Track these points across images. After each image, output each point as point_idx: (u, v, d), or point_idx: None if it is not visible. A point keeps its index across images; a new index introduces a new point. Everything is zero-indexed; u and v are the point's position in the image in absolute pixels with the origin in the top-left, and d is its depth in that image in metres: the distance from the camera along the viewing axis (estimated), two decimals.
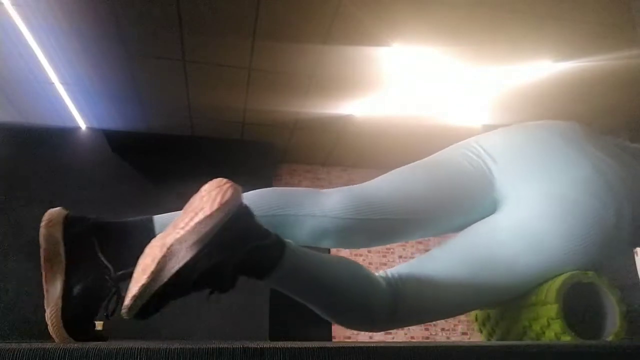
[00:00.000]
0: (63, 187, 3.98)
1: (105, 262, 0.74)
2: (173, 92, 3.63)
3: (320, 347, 0.47)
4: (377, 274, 0.90)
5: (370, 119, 4.07)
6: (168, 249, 0.62)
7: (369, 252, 4.90)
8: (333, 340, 4.60)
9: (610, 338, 0.76)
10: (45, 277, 0.72)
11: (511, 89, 3.58)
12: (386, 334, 4.82)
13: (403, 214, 0.88)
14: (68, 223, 0.76)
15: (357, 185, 0.92)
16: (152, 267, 0.62)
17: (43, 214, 0.76)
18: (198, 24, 2.88)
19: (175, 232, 0.64)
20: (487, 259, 0.84)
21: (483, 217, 0.90)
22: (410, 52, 3.13)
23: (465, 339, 4.90)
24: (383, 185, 0.91)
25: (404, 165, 0.97)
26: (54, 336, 0.70)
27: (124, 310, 0.63)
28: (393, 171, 0.95)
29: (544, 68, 3.31)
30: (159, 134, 4.28)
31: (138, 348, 0.44)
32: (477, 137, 0.99)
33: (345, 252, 4.85)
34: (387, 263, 4.92)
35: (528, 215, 0.84)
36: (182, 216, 0.66)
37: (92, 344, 0.46)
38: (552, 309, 0.77)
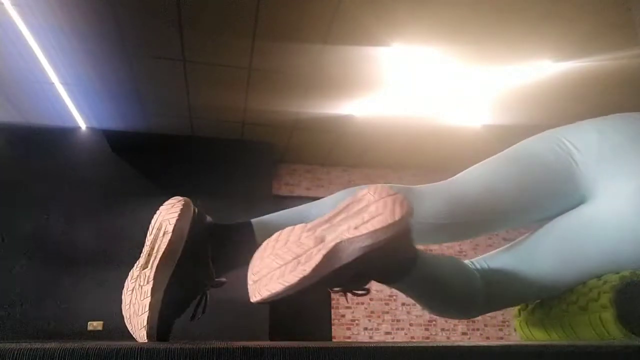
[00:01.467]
0: (63, 187, 3.98)
1: (212, 270, 0.75)
2: (173, 92, 3.63)
3: (320, 347, 0.47)
4: (469, 264, 0.95)
5: (370, 119, 4.07)
6: (335, 245, 0.63)
7: None
8: (333, 340, 4.60)
9: None
10: (158, 268, 0.71)
11: (511, 89, 3.58)
12: (386, 334, 4.82)
13: (493, 215, 0.90)
14: (195, 221, 0.76)
15: (449, 183, 0.92)
16: (314, 260, 0.62)
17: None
18: (198, 24, 2.88)
19: (341, 229, 0.64)
20: (576, 252, 0.86)
21: (568, 211, 0.91)
22: (410, 52, 3.13)
23: (465, 339, 4.91)
24: (476, 185, 0.91)
25: (404, 164, 0.97)
26: (147, 325, 0.68)
27: (267, 296, 0.63)
28: (483, 167, 0.94)
29: (544, 68, 3.31)
30: (159, 134, 4.29)
31: (138, 348, 0.44)
32: (561, 130, 0.97)
33: None
34: None
35: (622, 210, 0.83)
36: (342, 215, 0.66)
37: (92, 344, 0.46)
38: (604, 299, 0.77)
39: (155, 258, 0.71)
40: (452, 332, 5.00)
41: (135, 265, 0.73)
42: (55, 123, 4.04)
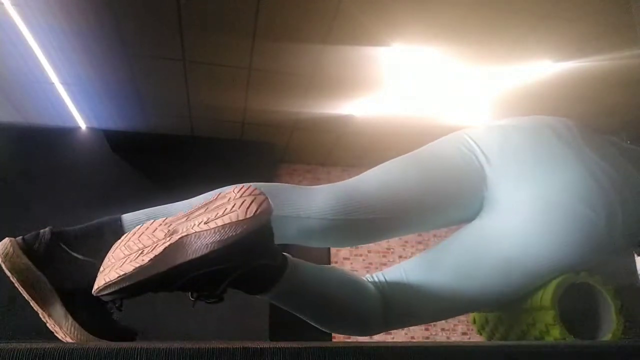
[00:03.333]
0: (63, 187, 3.98)
1: (86, 258, 0.71)
2: (173, 92, 3.63)
3: (320, 347, 0.47)
4: (366, 278, 0.90)
5: (370, 119, 4.07)
6: (180, 238, 0.60)
7: (369, 252, 4.90)
8: (333, 340, 4.60)
9: (608, 336, 0.76)
10: (39, 305, 0.68)
11: (511, 89, 3.58)
12: (386, 334, 4.81)
13: (392, 213, 0.85)
14: (27, 245, 0.72)
15: (345, 182, 0.88)
16: (156, 250, 0.60)
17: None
18: (198, 24, 2.88)
19: (191, 224, 0.62)
20: (476, 266, 0.83)
21: (475, 213, 0.88)
22: (410, 52, 3.13)
23: (465, 339, 4.90)
24: (372, 183, 0.87)
25: None
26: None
27: (102, 285, 0.60)
28: (383, 166, 0.91)
29: (544, 68, 3.31)
30: (159, 134, 4.28)
31: (138, 348, 0.44)
32: (470, 130, 0.95)
33: (345, 252, 4.86)
34: (387, 263, 4.92)
35: (518, 221, 0.82)
36: (200, 211, 0.64)
37: (92, 344, 0.46)
38: (548, 315, 0.77)
39: (32, 302, 0.69)
40: (452, 332, 5.00)
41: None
42: (55, 123, 4.04)
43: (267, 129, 4.27)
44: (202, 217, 0.62)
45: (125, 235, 0.67)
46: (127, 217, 0.78)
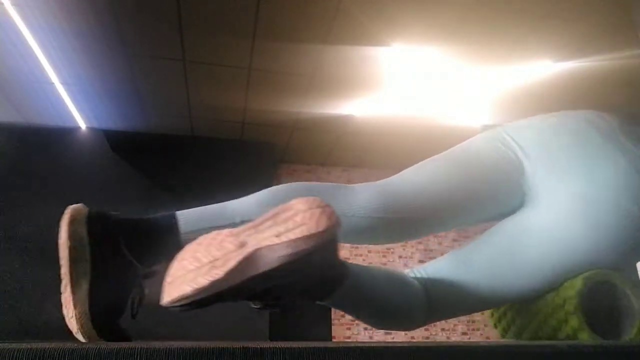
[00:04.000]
0: (63, 187, 3.97)
1: (133, 259, 0.72)
2: (173, 92, 3.63)
3: (320, 347, 0.47)
4: (410, 273, 0.92)
5: (370, 119, 4.07)
6: (254, 251, 0.60)
7: (369, 252, 4.90)
8: (333, 340, 4.60)
9: (630, 337, 0.75)
10: (70, 277, 0.69)
11: (511, 89, 3.58)
12: (386, 334, 4.81)
13: (434, 211, 0.86)
14: (91, 220, 0.73)
15: (386, 180, 0.89)
16: (229, 263, 0.60)
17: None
18: (198, 24, 2.87)
19: (262, 237, 0.62)
20: (517, 260, 0.84)
21: (513, 209, 0.88)
22: (410, 52, 3.13)
23: (465, 339, 4.90)
24: (414, 181, 0.88)
25: (404, 164, 0.96)
26: (81, 336, 0.68)
27: (176, 298, 0.60)
28: (423, 164, 0.92)
29: (544, 68, 3.31)
30: (159, 134, 4.28)
31: (138, 348, 0.44)
32: (508, 128, 0.94)
33: (345, 252, 4.85)
34: (387, 263, 4.92)
35: (560, 216, 0.81)
36: (268, 223, 0.64)
37: (92, 344, 0.46)
38: (570, 304, 0.77)
39: (65, 270, 0.70)
40: (452, 332, 5.00)
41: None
42: (55, 123, 4.04)
43: (267, 129, 4.26)
44: (272, 230, 0.62)
45: (189, 245, 0.67)
46: (181, 217, 0.79)
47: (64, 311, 0.71)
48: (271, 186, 0.88)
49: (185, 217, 0.79)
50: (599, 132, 0.86)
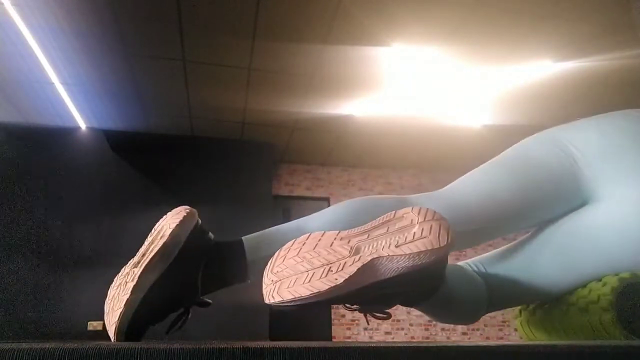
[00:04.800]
0: (63, 187, 3.98)
1: (199, 285, 0.74)
2: (173, 92, 3.63)
3: (320, 347, 0.47)
4: (468, 267, 0.93)
5: (370, 119, 4.07)
6: (372, 260, 0.61)
7: None
8: (333, 340, 4.60)
9: None
10: (146, 266, 0.70)
11: (511, 89, 3.58)
12: (386, 334, 4.82)
13: (493, 222, 0.87)
14: (196, 232, 0.76)
15: (444, 192, 0.90)
16: (347, 270, 0.60)
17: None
18: (198, 24, 2.88)
19: (378, 245, 0.62)
20: (577, 256, 0.84)
21: (573, 210, 0.89)
22: (410, 52, 3.13)
23: (465, 339, 4.91)
24: (471, 192, 0.89)
25: (404, 164, 0.95)
26: (118, 322, 0.68)
27: (289, 299, 0.61)
28: (478, 172, 0.92)
29: (544, 68, 3.31)
30: (159, 134, 4.29)
31: (138, 348, 0.44)
32: (564, 130, 0.94)
33: None
34: None
35: (627, 213, 0.81)
36: (381, 230, 0.64)
37: (92, 344, 0.46)
38: (604, 301, 0.77)
39: (146, 258, 0.71)
40: (452, 332, 5.00)
41: (129, 263, 0.74)
42: (55, 123, 4.04)
43: (267, 129, 4.27)
44: (389, 239, 0.62)
45: (289, 243, 0.67)
46: (247, 245, 0.80)
47: (111, 292, 0.72)
48: (271, 186, 0.88)
49: (251, 242, 0.80)
50: None
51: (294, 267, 0.63)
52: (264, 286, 0.65)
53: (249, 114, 3.96)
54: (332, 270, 0.61)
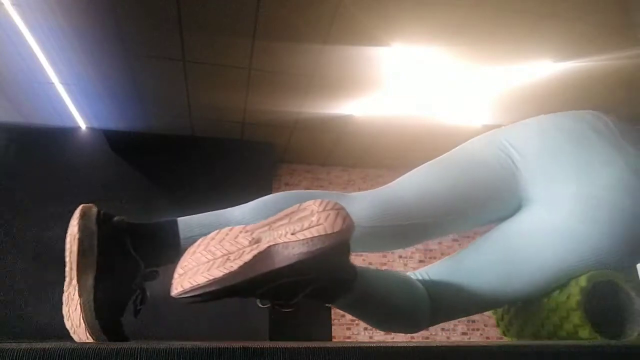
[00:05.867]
0: (63, 187, 3.98)
1: (138, 258, 0.75)
2: (173, 92, 3.63)
3: (320, 347, 0.47)
4: (413, 276, 0.93)
5: (370, 119, 4.07)
6: (269, 247, 0.62)
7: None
8: (333, 340, 4.60)
9: (635, 335, 0.75)
10: (78, 268, 0.71)
11: (511, 89, 3.58)
12: (386, 334, 4.82)
13: (430, 218, 0.86)
14: (101, 218, 0.76)
15: (382, 188, 0.89)
16: (244, 257, 0.61)
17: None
18: (198, 24, 2.88)
19: (277, 234, 0.63)
20: (518, 262, 0.84)
21: (511, 213, 0.89)
22: (410, 52, 3.13)
23: (465, 339, 4.90)
24: (409, 188, 0.88)
25: (404, 164, 0.96)
26: (82, 330, 0.68)
27: (188, 288, 0.62)
28: (419, 170, 0.93)
29: (544, 68, 3.31)
30: (159, 134, 4.28)
31: (138, 348, 0.44)
32: (505, 131, 0.95)
33: None
34: (386, 263, 4.92)
35: (561, 217, 0.82)
36: (283, 221, 0.65)
37: (92, 344, 0.46)
38: (573, 300, 0.77)
39: (73, 262, 0.71)
40: (452, 332, 5.00)
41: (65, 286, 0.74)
42: (55, 123, 4.04)
43: (267, 129, 4.27)
44: (287, 228, 0.63)
45: (202, 239, 0.69)
46: (181, 223, 0.81)
47: (65, 310, 0.72)
48: (271, 186, 0.89)
49: (185, 222, 0.81)
50: (596, 133, 0.86)
51: (198, 260, 0.65)
52: (173, 280, 0.66)
53: (249, 114, 3.96)
54: (229, 259, 0.62)
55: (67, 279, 0.72)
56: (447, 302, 0.88)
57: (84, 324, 0.68)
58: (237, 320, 3.68)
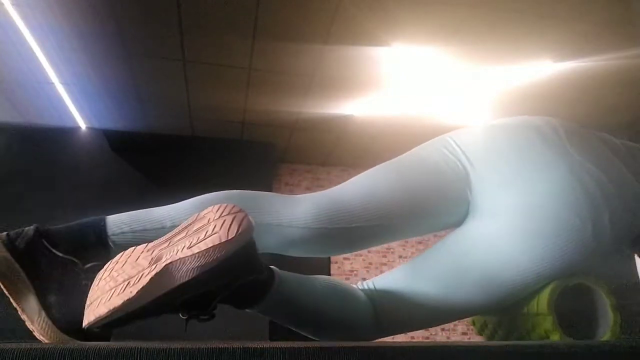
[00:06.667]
0: (63, 187, 3.98)
1: (67, 256, 0.72)
2: (173, 92, 3.63)
3: (320, 347, 0.47)
4: (357, 285, 0.90)
5: (370, 119, 4.07)
6: (165, 266, 0.59)
7: (368, 252, 4.90)
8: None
9: (607, 334, 0.76)
10: (13, 297, 0.69)
11: (511, 89, 3.58)
12: None
13: (377, 220, 0.83)
14: (9, 240, 0.74)
15: (327, 190, 0.87)
16: (142, 281, 0.59)
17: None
18: (198, 24, 2.87)
19: (174, 250, 0.61)
20: (459, 274, 0.81)
21: (462, 218, 0.87)
22: (410, 52, 3.13)
23: (465, 339, 4.90)
24: (355, 191, 0.86)
25: None
26: (55, 342, 0.68)
27: (93, 320, 0.60)
28: (366, 173, 0.90)
29: (544, 68, 3.31)
30: (159, 134, 4.28)
31: (138, 348, 0.44)
32: (454, 134, 0.93)
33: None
34: (387, 263, 4.92)
35: (500, 227, 0.80)
36: (181, 235, 0.63)
37: (92, 344, 0.46)
38: (547, 320, 0.77)
39: (7, 294, 0.71)
40: (452, 332, 5.00)
41: None
42: (55, 123, 4.04)
43: (267, 129, 4.26)
44: (185, 242, 0.61)
45: (109, 263, 0.66)
46: (111, 219, 0.78)
47: (37, 335, 0.71)
48: (271, 186, 0.88)
49: (114, 219, 0.78)
50: (543, 141, 0.83)
51: (102, 288, 0.62)
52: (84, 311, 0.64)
53: (249, 114, 3.96)
54: (130, 284, 0.60)
55: (18, 309, 0.71)
56: (392, 313, 0.84)
57: (49, 335, 0.67)
58: (237, 320, 3.68)
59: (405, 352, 0.49)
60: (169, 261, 0.60)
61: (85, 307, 0.63)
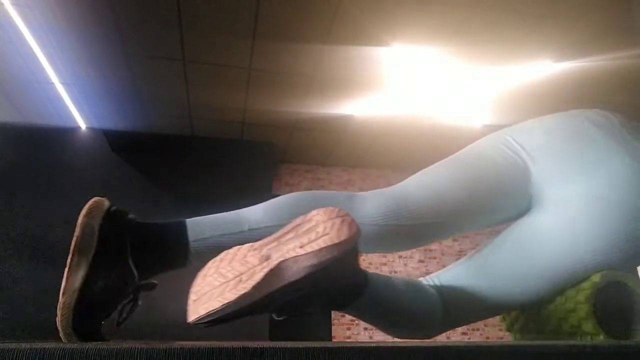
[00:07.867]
0: (63, 187, 3.98)
1: (133, 268, 0.72)
2: (173, 92, 3.63)
3: (320, 347, 0.47)
4: (424, 282, 0.93)
5: (370, 119, 4.07)
6: (279, 263, 0.62)
7: None
8: (333, 340, 4.60)
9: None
10: (70, 264, 0.69)
11: (511, 89, 3.58)
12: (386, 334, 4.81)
13: (441, 217, 0.86)
14: (109, 216, 0.74)
15: (393, 188, 0.90)
16: (256, 277, 0.62)
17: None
18: (198, 24, 2.88)
19: (286, 248, 0.63)
20: (530, 265, 0.84)
21: (521, 213, 0.89)
22: (410, 52, 3.13)
23: (465, 339, 4.90)
24: (421, 187, 0.88)
25: (404, 164, 0.96)
26: (60, 326, 0.67)
27: (204, 314, 0.61)
28: (429, 170, 0.92)
29: (544, 68, 3.31)
30: (159, 134, 4.28)
31: (138, 348, 0.44)
32: (511, 131, 0.95)
33: None
34: (386, 263, 4.92)
35: (569, 216, 0.81)
36: (290, 235, 0.65)
37: (92, 344, 0.46)
38: (582, 309, 0.77)
39: (69, 258, 0.70)
40: (452, 332, 5.00)
41: None
42: (55, 123, 4.04)
43: (267, 129, 4.27)
44: (295, 242, 0.64)
45: (210, 262, 0.68)
46: (190, 227, 0.78)
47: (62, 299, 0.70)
48: (271, 186, 0.88)
49: (195, 224, 0.79)
50: (601, 130, 0.86)
51: (211, 284, 0.64)
52: (188, 307, 0.66)
53: (249, 114, 3.96)
54: (242, 280, 0.62)
55: (67, 268, 0.71)
56: (459, 307, 0.88)
57: (59, 325, 0.67)
58: (237, 320, 3.68)
59: (405, 352, 0.49)
60: (282, 259, 0.62)
61: (190, 303, 0.65)
